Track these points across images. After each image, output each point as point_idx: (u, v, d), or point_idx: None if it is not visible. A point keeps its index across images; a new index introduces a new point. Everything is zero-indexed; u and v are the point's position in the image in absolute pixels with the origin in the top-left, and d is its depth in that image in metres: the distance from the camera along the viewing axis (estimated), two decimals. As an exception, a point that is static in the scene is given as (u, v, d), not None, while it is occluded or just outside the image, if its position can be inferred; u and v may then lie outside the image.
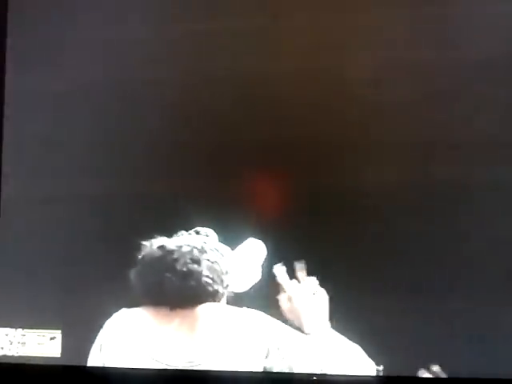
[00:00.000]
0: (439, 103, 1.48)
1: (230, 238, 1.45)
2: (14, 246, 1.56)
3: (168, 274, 1.35)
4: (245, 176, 1.48)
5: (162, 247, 1.39)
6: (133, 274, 1.39)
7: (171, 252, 1.37)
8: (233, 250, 1.44)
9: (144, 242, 1.41)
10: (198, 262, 1.37)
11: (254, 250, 1.42)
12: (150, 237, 1.43)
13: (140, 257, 1.41)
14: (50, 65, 1.59)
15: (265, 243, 1.44)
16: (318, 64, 1.52)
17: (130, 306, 1.41)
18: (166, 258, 1.37)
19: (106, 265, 1.49)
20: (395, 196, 1.47)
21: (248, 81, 1.53)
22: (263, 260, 1.42)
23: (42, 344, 1.53)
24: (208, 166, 1.52)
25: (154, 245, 1.41)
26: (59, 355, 1.53)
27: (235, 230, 1.44)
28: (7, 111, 1.59)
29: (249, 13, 1.56)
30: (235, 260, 1.42)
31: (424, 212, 1.46)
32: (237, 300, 1.40)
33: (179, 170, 1.53)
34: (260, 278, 1.42)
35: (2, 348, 1.54)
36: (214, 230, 1.44)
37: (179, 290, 1.35)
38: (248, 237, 1.44)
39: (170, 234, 1.44)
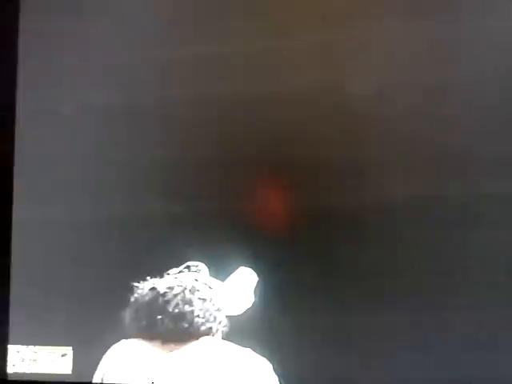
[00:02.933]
0: (442, 121, 1.44)
1: (223, 267, 1.43)
2: (26, 266, 1.58)
3: (160, 317, 1.35)
4: (245, 199, 1.46)
5: (153, 289, 1.39)
6: (126, 314, 1.40)
7: (163, 294, 1.37)
8: (224, 280, 1.42)
9: (136, 284, 1.41)
10: (189, 302, 1.36)
11: (246, 278, 1.41)
12: (142, 275, 1.42)
13: (132, 299, 1.40)
14: (61, 88, 1.59)
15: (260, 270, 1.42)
16: (319, 84, 1.48)
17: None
18: (158, 301, 1.36)
19: (114, 285, 1.50)
20: (396, 215, 1.43)
21: (247, 103, 1.50)
22: (255, 285, 1.41)
23: (53, 361, 1.56)
24: (204, 189, 1.50)
25: (145, 287, 1.40)
26: (70, 372, 1.55)
27: (228, 259, 1.43)
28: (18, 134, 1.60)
29: (251, 34, 1.53)
30: (227, 290, 1.40)
31: (424, 229, 1.42)
32: (231, 336, 1.38)
33: (172, 198, 1.51)
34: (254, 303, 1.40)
35: (14, 365, 1.57)
36: (206, 262, 1.43)
37: (172, 332, 1.34)
38: (240, 265, 1.42)
39: (161, 272, 1.43)
